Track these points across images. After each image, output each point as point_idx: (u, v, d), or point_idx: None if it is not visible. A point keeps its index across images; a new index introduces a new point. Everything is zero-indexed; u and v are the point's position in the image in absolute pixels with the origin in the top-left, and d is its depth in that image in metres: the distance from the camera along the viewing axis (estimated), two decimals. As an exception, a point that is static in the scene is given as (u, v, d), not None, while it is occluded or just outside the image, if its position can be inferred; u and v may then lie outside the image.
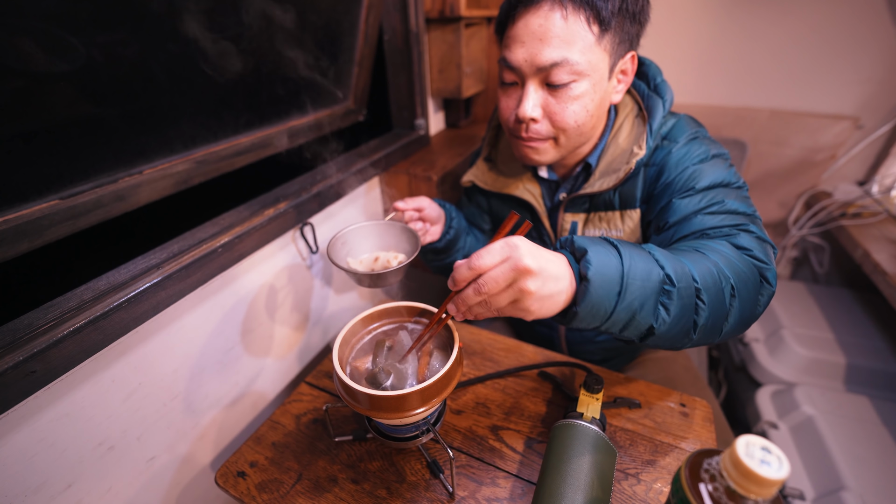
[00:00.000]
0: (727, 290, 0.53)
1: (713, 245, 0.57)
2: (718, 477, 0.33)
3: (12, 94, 0.49)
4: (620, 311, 0.48)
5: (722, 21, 1.43)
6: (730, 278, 0.53)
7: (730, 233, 0.60)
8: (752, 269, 0.56)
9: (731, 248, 0.57)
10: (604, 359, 0.96)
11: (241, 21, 0.70)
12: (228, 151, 0.77)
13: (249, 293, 0.81)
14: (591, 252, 0.47)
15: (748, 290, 0.55)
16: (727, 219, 0.62)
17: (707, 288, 0.51)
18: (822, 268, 1.58)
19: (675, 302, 0.49)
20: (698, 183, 0.65)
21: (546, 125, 0.68)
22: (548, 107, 0.66)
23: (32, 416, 0.53)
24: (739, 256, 0.57)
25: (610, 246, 0.49)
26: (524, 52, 0.63)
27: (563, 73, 0.62)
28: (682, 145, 0.70)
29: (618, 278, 0.47)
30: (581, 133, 0.69)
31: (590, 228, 0.79)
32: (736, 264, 0.55)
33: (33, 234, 0.54)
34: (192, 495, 0.78)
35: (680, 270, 0.50)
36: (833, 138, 1.42)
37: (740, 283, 0.54)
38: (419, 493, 0.61)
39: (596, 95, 0.65)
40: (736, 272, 0.54)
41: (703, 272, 0.52)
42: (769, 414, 1.16)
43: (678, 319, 0.50)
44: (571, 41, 0.61)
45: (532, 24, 0.61)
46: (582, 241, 0.49)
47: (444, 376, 0.52)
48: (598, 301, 0.46)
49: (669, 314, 0.49)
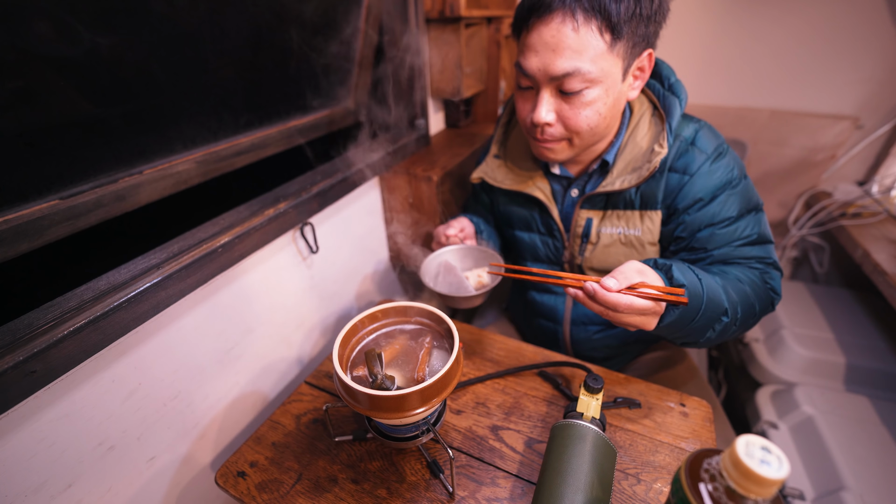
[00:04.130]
0: (751, 317, 0.69)
1: (753, 279, 0.71)
2: (718, 477, 0.33)
3: (12, 94, 0.49)
4: (687, 330, 0.63)
5: (722, 21, 1.43)
6: (755, 307, 0.69)
7: (764, 270, 0.73)
8: (768, 299, 0.72)
9: (762, 283, 0.71)
10: (606, 357, 0.96)
11: (241, 21, 0.70)
12: (228, 151, 0.77)
13: (249, 293, 0.81)
14: (686, 285, 0.59)
15: (762, 314, 0.72)
16: (761, 251, 0.73)
17: (744, 321, 0.68)
18: (821, 268, 1.58)
19: (721, 328, 0.65)
20: (733, 211, 0.72)
21: (560, 128, 0.70)
22: (561, 111, 0.68)
23: (32, 416, 0.53)
24: (765, 291, 0.71)
25: (696, 280, 0.61)
26: (537, 60, 0.64)
27: (576, 82, 0.63)
28: (712, 162, 0.72)
29: (696, 310, 0.60)
30: (595, 133, 0.70)
31: (606, 226, 0.80)
32: (762, 297, 0.71)
33: (33, 234, 0.54)
34: (192, 495, 0.78)
35: (733, 306, 0.65)
36: (833, 138, 1.42)
37: (761, 312, 0.71)
38: (419, 493, 0.61)
39: (609, 99, 0.66)
40: (762, 305, 0.70)
41: (745, 307, 0.67)
42: (769, 414, 1.16)
43: (718, 338, 0.67)
44: (583, 50, 0.61)
45: (545, 35, 0.62)
46: (679, 275, 0.60)
47: (444, 376, 0.52)
48: (678, 323, 0.60)
49: (714, 334, 0.66)
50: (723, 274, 0.69)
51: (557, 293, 0.91)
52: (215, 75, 0.70)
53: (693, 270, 0.62)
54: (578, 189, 0.81)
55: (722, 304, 0.63)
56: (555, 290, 0.92)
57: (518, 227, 0.91)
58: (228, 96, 0.74)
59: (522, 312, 1.03)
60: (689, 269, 0.62)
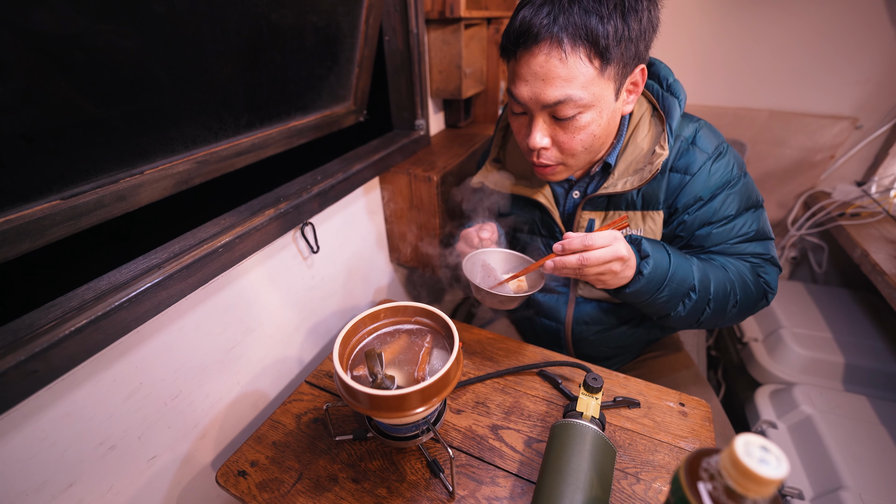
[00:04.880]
0: (731, 303, 0.72)
1: (740, 268, 0.73)
2: (717, 476, 0.33)
3: (13, 94, 0.49)
4: (654, 300, 0.68)
5: (721, 21, 1.44)
6: (738, 295, 0.72)
7: (759, 264, 0.75)
8: (760, 292, 0.75)
9: (753, 276, 0.74)
10: (607, 356, 0.96)
11: (242, 21, 0.70)
12: (229, 152, 0.77)
13: (250, 293, 0.81)
14: (652, 256, 0.65)
15: (749, 304, 0.74)
16: (758, 247, 0.75)
17: (717, 300, 0.70)
18: (820, 268, 1.59)
19: (690, 304, 0.70)
20: (732, 210, 0.73)
21: (555, 152, 0.70)
22: (556, 136, 0.68)
23: (34, 415, 0.53)
24: (756, 283, 0.74)
25: (665, 253, 0.67)
26: (528, 90, 0.64)
27: (568, 109, 0.63)
28: (713, 161, 0.72)
29: (662, 279, 0.66)
30: (591, 152, 0.71)
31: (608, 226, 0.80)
32: (750, 288, 0.73)
33: (35, 234, 0.54)
34: (193, 494, 0.79)
35: (704, 283, 0.69)
36: (832, 139, 1.42)
37: (744, 300, 0.73)
38: (419, 493, 0.61)
39: (603, 120, 0.66)
40: (746, 293, 0.73)
41: (718, 287, 0.70)
42: (768, 413, 1.16)
43: (689, 314, 0.71)
44: (573, 78, 0.60)
45: (533, 65, 0.62)
46: (647, 245, 0.66)
47: (443, 376, 0.52)
48: (644, 290, 0.66)
49: (684, 310, 0.70)
50: (707, 259, 0.73)
51: (559, 293, 0.92)
52: (216, 75, 0.70)
53: (664, 246, 0.69)
54: (580, 191, 0.81)
55: (689, 278, 0.68)
56: (557, 290, 0.92)
57: (519, 229, 0.92)
58: (229, 96, 0.74)
59: (524, 311, 1.03)
60: (659, 245, 0.68)
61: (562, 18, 0.58)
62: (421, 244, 1.20)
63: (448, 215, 1.15)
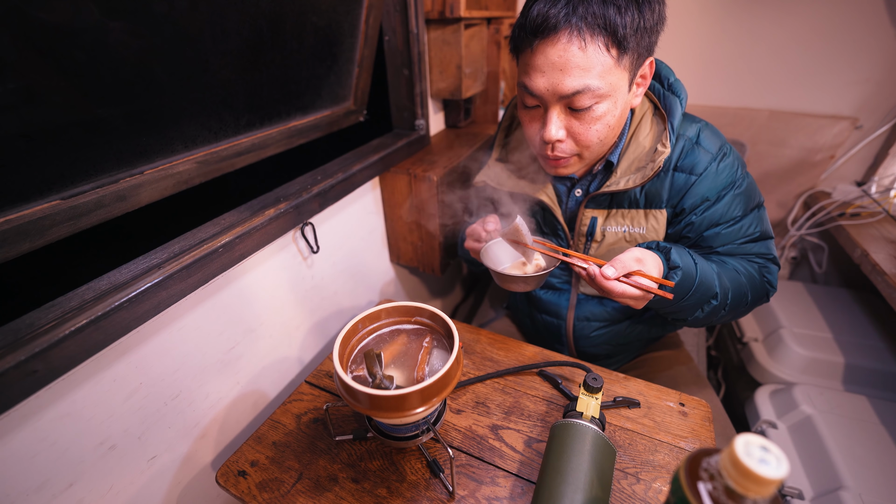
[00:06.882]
0: (743, 305, 0.76)
1: (750, 271, 0.76)
2: (717, 476, 0.33)
3: (13, 94, 0.49)
4: (678, 306, 0.71)
5: (721, 21, 1.43)
6: (749, 297, 0.75)
7: (764, 265, 0.78)
8: (763, 291, 0.78)
9: (759, 277, 0.77)
10: (607, 354, 0.96)
11: (242, 21, 0.70)
12: (229, 152, 0.77)
13: (250, 293, 0.81)
14: (681, 267, 0.66)
15: (754, 303, 0.78)
16: (762, 246, 0.78)
17: (733, 304, 0.73)
18: (820, 268, 1.59)
19: (709, 308, 0.72)
20: (738, 211, 0.75)
21: (571, 144, 0.70)
22: (571, 128, 0.68)
23: (34, 415, 0.53)
24: (762, 284, 0.77)
25: (692, 262, 0.68)
26: (545, 81, 0.63)
27: (586, 99, 0.63)
28: (718, 162, 0.73)
29: (689, 289, 0.67)
30: (604, 145, 0.71)
31: (610, 224, 0.81)
32: (757, 289, 0.77)
33: (35, 234, 0.54)
34: (193, 494, 0.79)
35: (724, 291, 0.71)
36: (832, 139, 1.42)
37: (753, 301, 0.77)
38: (419, 493, 0.61)
39: (617, 110, 0.67)
40: (755, 294, 0.76)
41: (735, 292, 0.73)
42: (768, 413, 1.16)
43: (706, 317, 0.74)
44: (591, 68, 0.61)
45: (551, 55, 0.61)
46: (676, 257, 0.67)
47: (443, 376, 0.52)
48: (670, 300, 0.65)
49: (703, 314, 0.73)
50: (721, 263, 0.75)
51: (561, 290, 0.92)
52: (216, 75, 0.70)
53: (690, 254, 0.69)
54: (583, 189, 0.81)
55: (713, 287, 0.70)
56: (558, 287, 0.92)
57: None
58: (229, 96, 0.74)
59: (525, 308, 1.03)
60: (686, 253, 0.69)
61: (581, 8, 0.59)
62: (421, 244, 1.20)
63: (448, 215, 1.15)
